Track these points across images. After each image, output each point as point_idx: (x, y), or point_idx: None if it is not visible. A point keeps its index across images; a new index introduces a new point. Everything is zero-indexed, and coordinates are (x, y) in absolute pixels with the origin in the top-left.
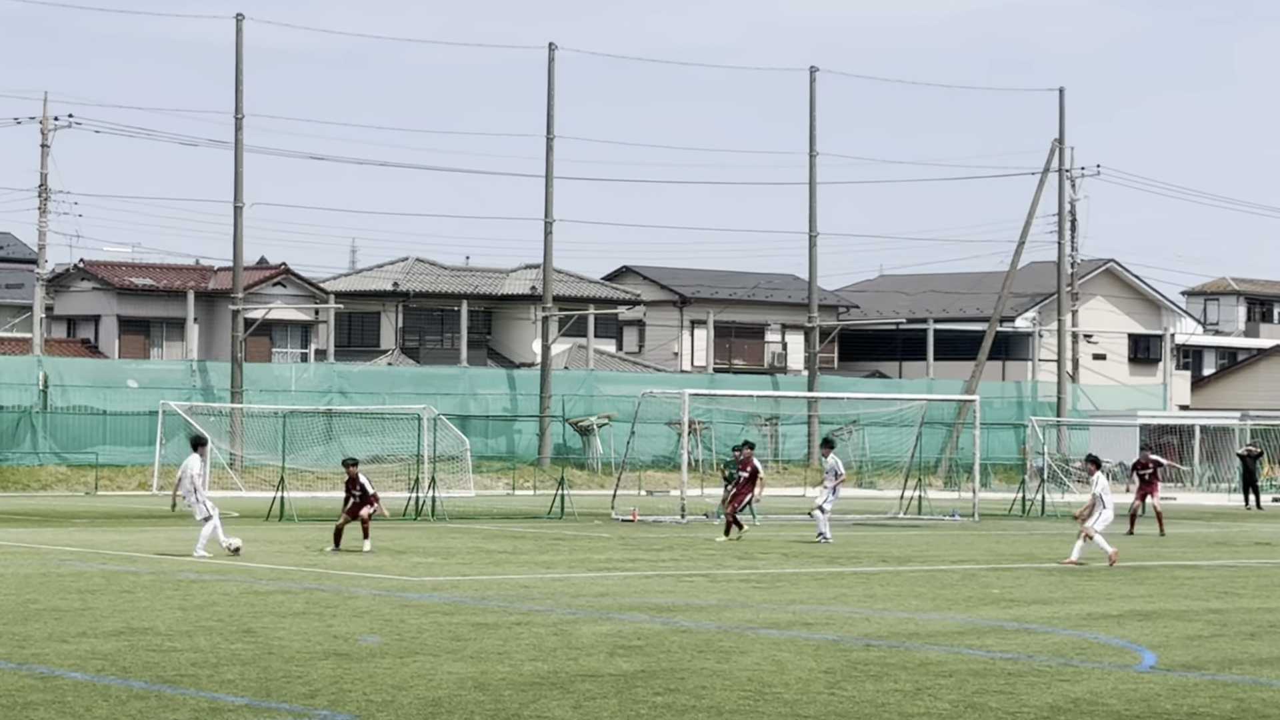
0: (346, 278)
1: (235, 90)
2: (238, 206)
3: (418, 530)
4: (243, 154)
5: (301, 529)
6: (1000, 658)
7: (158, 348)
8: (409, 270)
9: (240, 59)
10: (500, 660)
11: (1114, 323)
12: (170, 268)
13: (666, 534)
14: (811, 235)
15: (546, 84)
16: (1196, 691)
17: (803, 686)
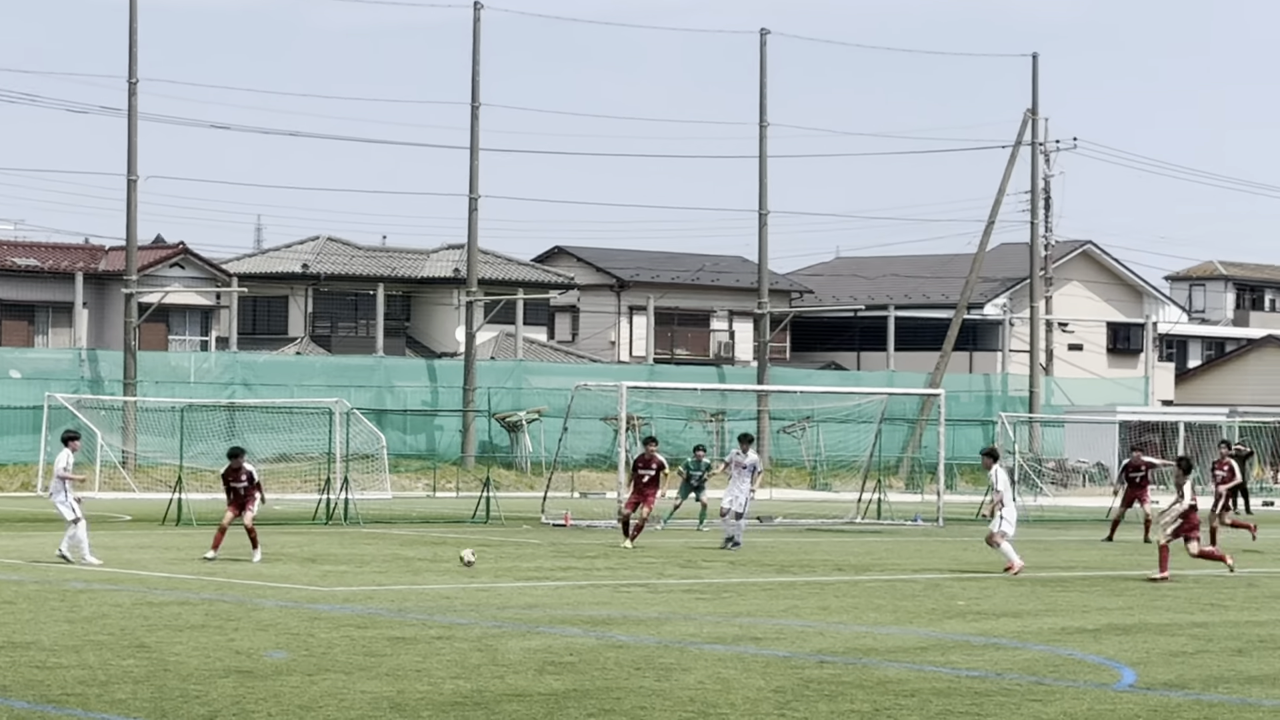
0: (251, 258)
1: (128, 52)
2: (131, 180)
3: (329, 536)
4: (137, 122)
5: (200, 534)
6: (966, 675)
7: (42, 335)
8: (320, 250)
9: (134, 18)
10: (419, 678)
11: (1091, 310)
12: (56, 247)
13: (602, 540)
14: (762, 214)
15: (471, 47)
16: (1179, 712)
17: (750, 707)
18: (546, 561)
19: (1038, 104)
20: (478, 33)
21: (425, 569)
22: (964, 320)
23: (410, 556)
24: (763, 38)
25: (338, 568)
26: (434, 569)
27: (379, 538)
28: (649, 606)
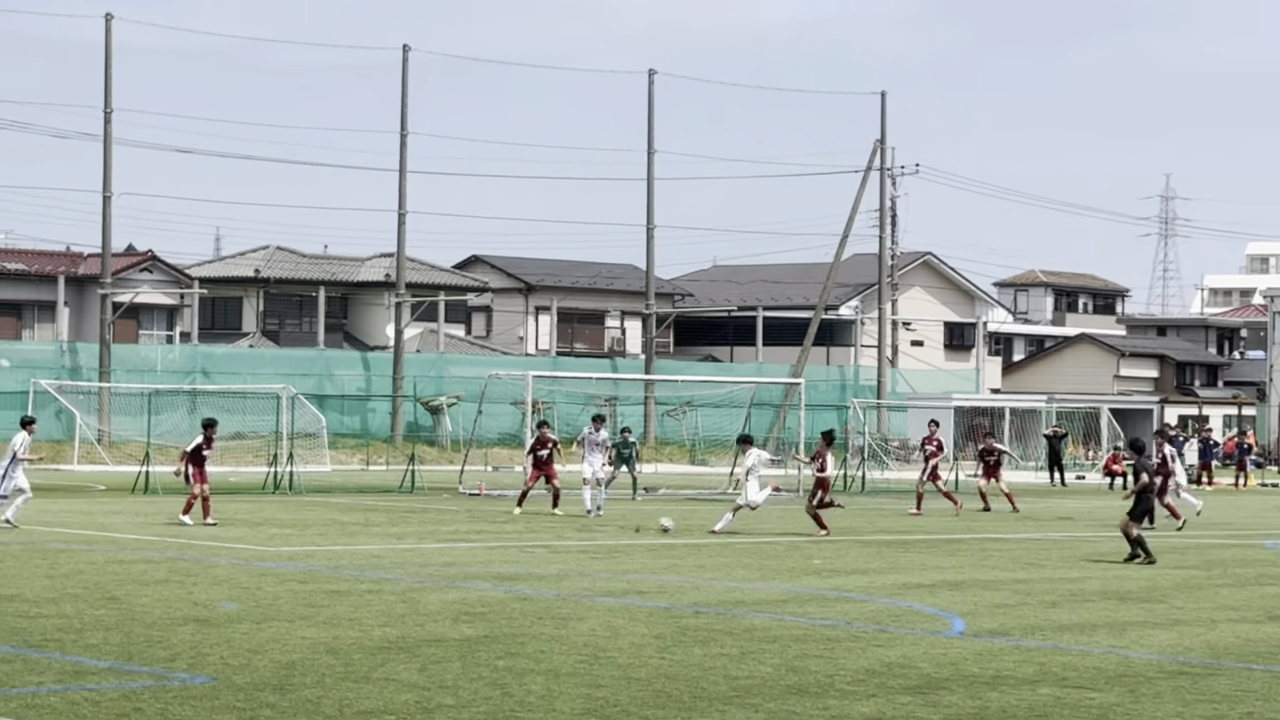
0: (210, 264)
1: (105, 85)
2: (106, 196)
3: (275, 503)
4: (112, 146)
5: (165, 501)
6: (820, 624)
7: (29, 329)
8: (270, 258)
9: (109, 56)
10: (351, 626)
11: (931, 311)
12: (42, 253)
13: (510, 507)
14: (649, 228)
15: (401, 84)
16: (1002, 656)
17: (635, 651)
18: (463, 525)
19: (886, 135)
20: (406, 71)
21: (359, 532)
22: (822, 320)
23: (346, 521)
24: (650, 77)
25: (283, 530)
26: (366, 532)
27: (319, 505)
28: (550, 565)
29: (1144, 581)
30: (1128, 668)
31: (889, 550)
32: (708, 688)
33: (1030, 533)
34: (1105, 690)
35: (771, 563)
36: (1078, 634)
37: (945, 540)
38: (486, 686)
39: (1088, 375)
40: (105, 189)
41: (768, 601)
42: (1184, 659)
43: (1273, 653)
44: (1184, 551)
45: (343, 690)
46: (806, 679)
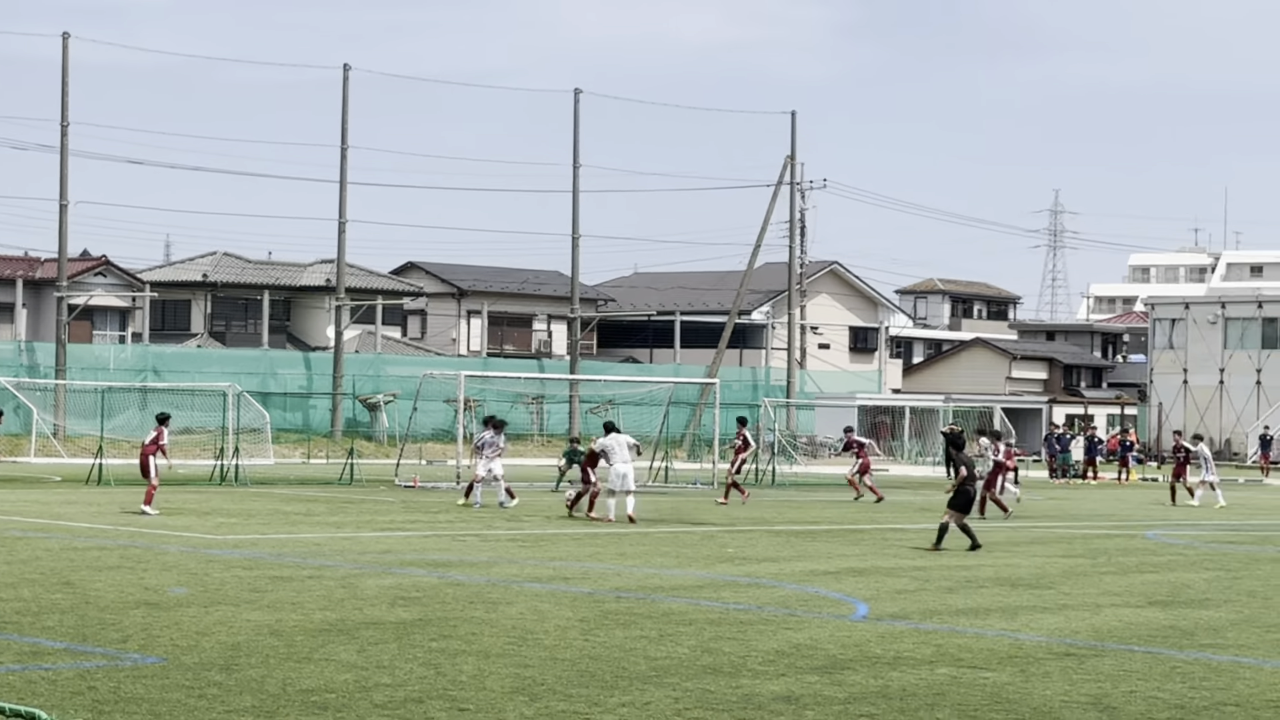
0: (161, 269)
1: (61, 100)
2: (63, 204)
3: (222, 494)
4: (68, 157)
5: (118, 492)
6: (734, 609)
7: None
8: (217, 263)
9: (66, 72)
10: (294, 609)
11: (837, 317)
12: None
13: (444, 499)
14: (574, 237)
15: (341, 100)
16: (902, 638)
17: (560, 633)
18: (399, 516)
19: (795, 151)
20: (346, 88)
21: (300, 521)
22: (735, 324)
23: (289, 511)
24: (576, 96)
25: (229, 520)
26: (308, 521)
27: (263, 496)
28: (480, 552)
29: (1034, 569)
30: (1019, 649)
31: (797, 539)
32: (629, 668)
33: (928, 523)
34: (998, 670)
35: (688, 551)
36: (972, 618)
37: (850, 530)
38: (421, 666)
39: (982, 377)
40: (61, 197)
41: (685, 587)
42: (1071, 641)
43: (1153, 635)
44: (1071, 541)
45: (285, 670)
46: (720, 660)
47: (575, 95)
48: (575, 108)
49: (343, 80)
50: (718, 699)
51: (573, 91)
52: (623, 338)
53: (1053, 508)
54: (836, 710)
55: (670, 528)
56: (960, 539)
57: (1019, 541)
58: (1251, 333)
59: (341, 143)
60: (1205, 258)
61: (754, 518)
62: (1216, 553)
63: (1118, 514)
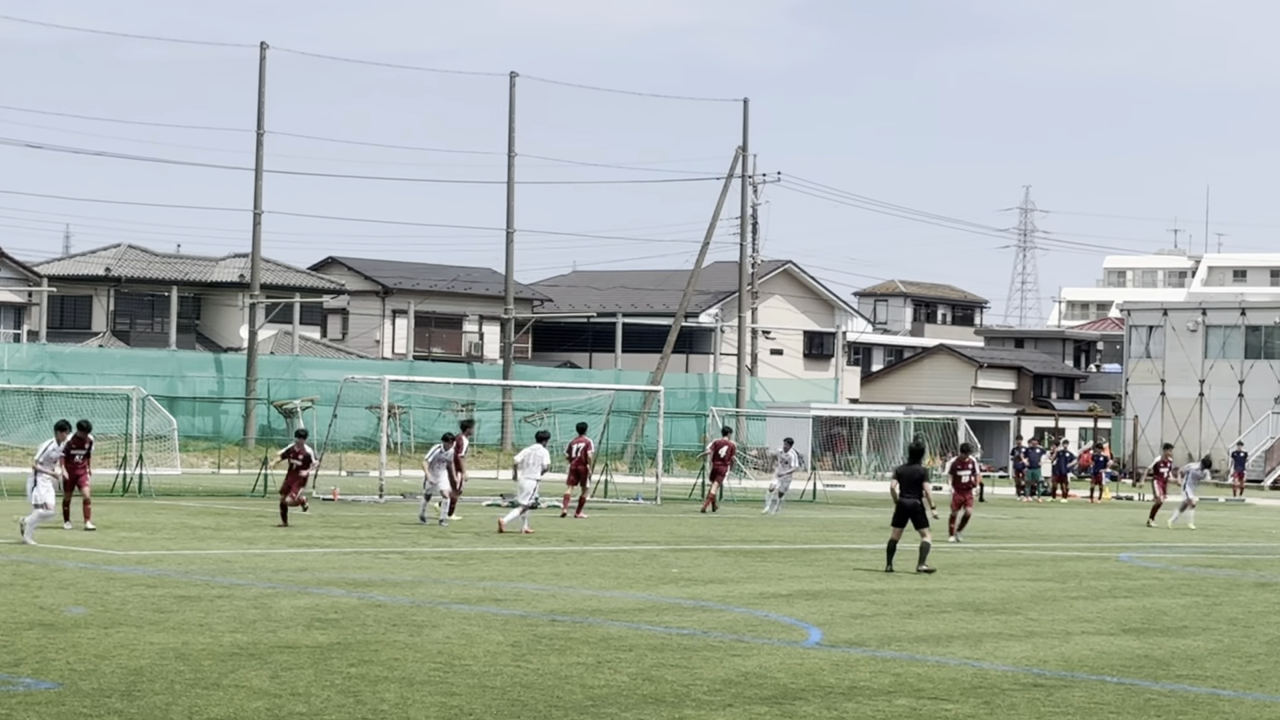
0: (60, 262)
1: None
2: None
3: (125, 506)
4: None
5: (12, 504)
6: (677, 633)
7: None
8: (121, 256)
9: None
10: (201, 631)
11: (791, 320)
12: None
13: (365, 513)
14: (509, 232)
15: (258, 81)
16: (858, 666)
17: (490, 659)
18: (316, 531)
19: (748, 142)
20: (264, 69)
21: (210, 536)
22: (682, 327)
23: (197, 525)
24: (512, 80)
25: (132, 534)
26: (217, 536)
27: (169, 509)
28: (404, 571)
29: (999, 593)
30: (983, 679)
31: (746, 559)
32: (563, 697)
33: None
34: (960, 702)
35: (629, 571)
36: (934, 645)
37: (803, 550)
38: (339, 694)
39: (946, 386)
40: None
41: (624, 610)
42: (1039, 671)
43: (1126, 665)
44: (1040, 564)
45: (192, 697)
46: (663, 689)
47: (511, 79)
48: (511, 92)
49: (259, 60)
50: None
51: (508, 75)
52: (560, 341)
53: (1021, 527)
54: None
55: (610, 546)
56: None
57: (984, 564)
58: (1234, 341)
59: (257, 127)
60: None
61: (700, 536)
62: (1195, 577)
63: (1090, 535)
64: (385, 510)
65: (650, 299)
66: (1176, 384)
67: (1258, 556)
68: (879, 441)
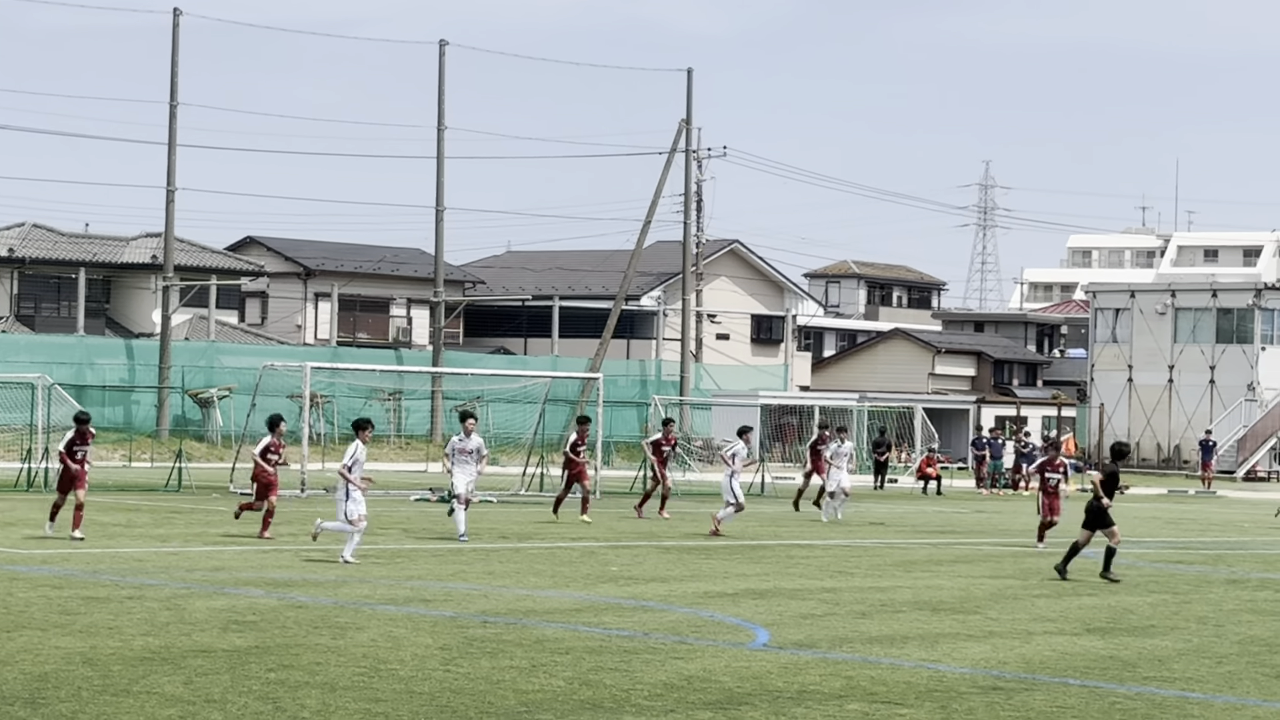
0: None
1: None
2: None
3: (29, 501)
4: None
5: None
6: (617, 635)
7: None
8: (25, 236)
9: None
10: (111, 635)
11: (737, 303)
12: None
13: (285, 508)
14: (438, 210)
15: (171, 50)
16: (808, 669)
17: (418, 663)
18: (234, 528)
19: (691, 115)
20: (176, 36)
21: (120, 534)
22: (622, 311)
23: (106, 522)
24: (441, 48)
25: (37, 531)
26: (128, 534)
27: None
28: (327, 570)
29: (958, 591)
30: (939, 682)
31: (690, 557)
32: (495, 702)
33: (840, 539)
34: (916, 706)
35: (565, 569)
36: (888, 646)
37: (750, 546)
38: (257, 700)
39: (902, 373)
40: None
41: (561, 610)
42: (998, 673)
43: (1090, 667)
44: (1000, 560)
45: (100, 704)
46: (601, 693)
47: (441, 48)
48: (441, 62)
49: (172, 27)
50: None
51: (438, 44)
52: (493, 325)
53: (981, 522)
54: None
55: (546, 543)
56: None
57: (942, 560)
58: (1205, 325)
59: (171, 99)
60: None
61: (641, 532)
62: (1163, 573)
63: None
64: (307, 506)
65: (589, 281)
66: (1144, 370)
67: (1229, 552)
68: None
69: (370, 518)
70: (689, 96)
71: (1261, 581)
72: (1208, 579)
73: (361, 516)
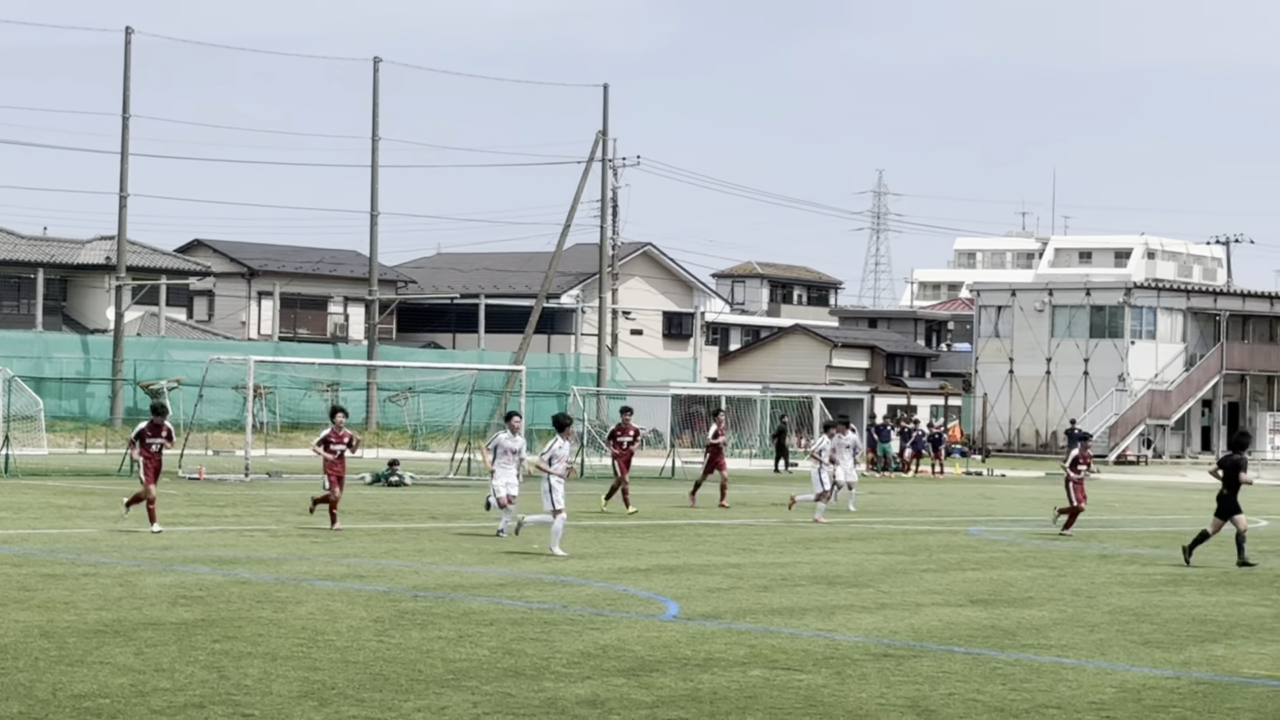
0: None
1: None
2: None
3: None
4: None
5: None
6: (537, 608)
7: None
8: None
9: None
10: (66, 609)
11: (650, 301)
12: None
13: (231, 491)
14: (373, 215)
15: (124, 66)
16: (714, 639)
17: (353, 634)
18: (182, 509)
19: (608, 127)
20: (129, 53)
21: (76, 515)
22: (543, 308)
23: (62, 505)
24: (375, 65)
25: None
26: (83, 515)
27: (35, 488)
28: (269, 548)
29: (852, 566)
30: (835, 650)
31: (606, 535)
32: (425, 670)
33: (744, 519)
34: (813, 672)
35: (490, 546)
36: (787, 617)
37: (661, 526)
38: (202, 670)
39: (801, 365)
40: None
41: (486, 585)
42: (889, 642)
43: (974, 635)
44: (891, 538)
45: (56, 674)
46: (523, 662)
47: (375, 64)
48: (375, 78)
49: (125, 44)
50: (518, 703)
51: (372, 60)
52: (424, 322)
53: (874, 503)
54: (643, 715)
55: (473, 523)
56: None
57: (837, 538)
58: (1079, 321)
59: (123, 111)
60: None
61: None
62: (1041, 550)
63: (939, 509)
64: (250, 489)
65: (513, 280)
66: (1024, 362)
67: (1100, 530)
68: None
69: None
70: (605, 110)
71: (1130, 557)
72: (1081, 554)
73: (511, 499)
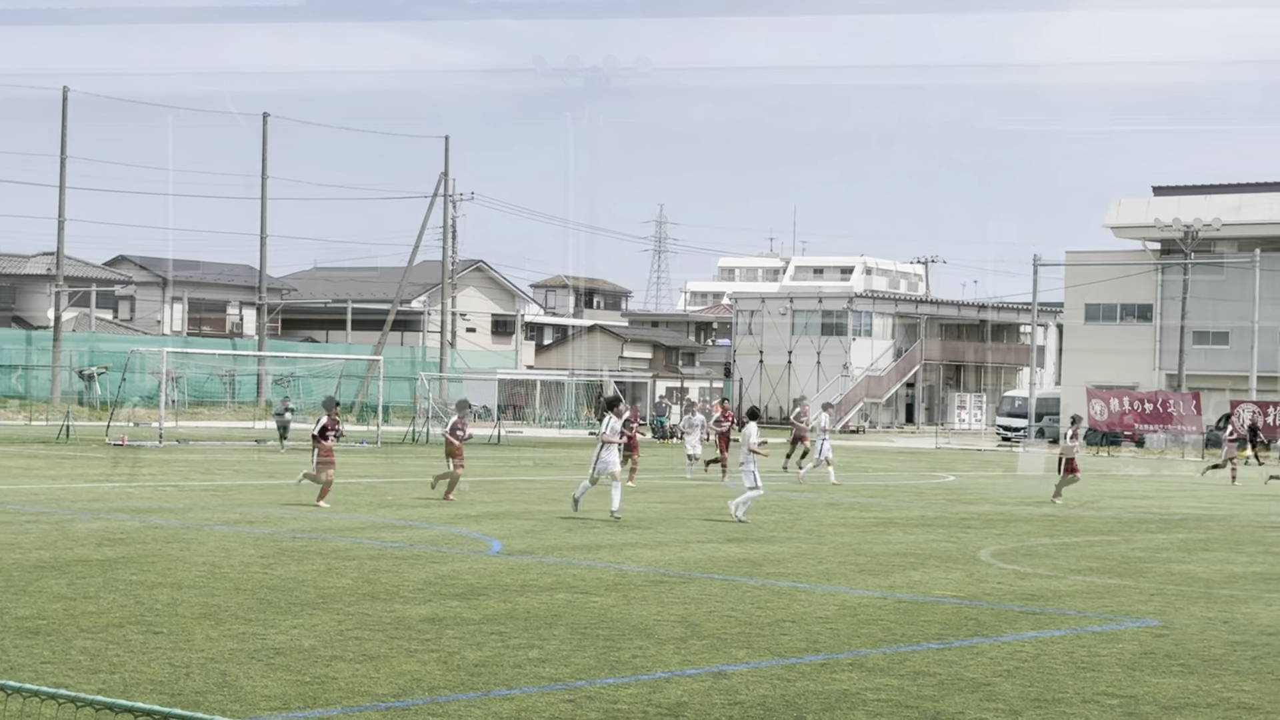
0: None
1: None
2: None
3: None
4: None
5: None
6: (390, 547)
7: None
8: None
9: None
10: (12, 549)
11: (482, 306)
12: None
13: (148, 455)
14: (262, 236)
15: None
16: (529, 569)
17: (244, 568)
18: (108, 469)
19: (449, 168)
20: (65, 107)
21: (21, 475)
22: (398, 311)
23: (10, 466)
24: (264, 119)
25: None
26: (28, 475)
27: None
28: (178, 500)
29: (637, 513)
30: (622, 578)
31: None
32: (300, 596)
33: (553, 475)
34: (605, 595)
35: (354, 498)
36: (585, 553)
37: (489, 481)
38: (122, 597)
39: (600, 356)
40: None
41: (350, 529)
42: (664, 571)
43: (730, 566)
44: (667, 491)
45: (2, 601)
46: (378, 588)
47: (264, 118)
48: (264, 128)
49: (62, 100)
50: (374, 621)
51: (262, 115)
52: (303, 322)
53: (656, 463)
54: (472, 629)
55: (340, 480)
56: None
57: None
58: (813, 323)
59: (61, 153)
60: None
61: (410, 472)
62: (782, 500)
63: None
64: (164, 453)
65: (373, 289)
66: (771, 354)
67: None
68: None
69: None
70: (446, 155)
71: (851, 505)
72: (813, 504)
73: (611, 475)
